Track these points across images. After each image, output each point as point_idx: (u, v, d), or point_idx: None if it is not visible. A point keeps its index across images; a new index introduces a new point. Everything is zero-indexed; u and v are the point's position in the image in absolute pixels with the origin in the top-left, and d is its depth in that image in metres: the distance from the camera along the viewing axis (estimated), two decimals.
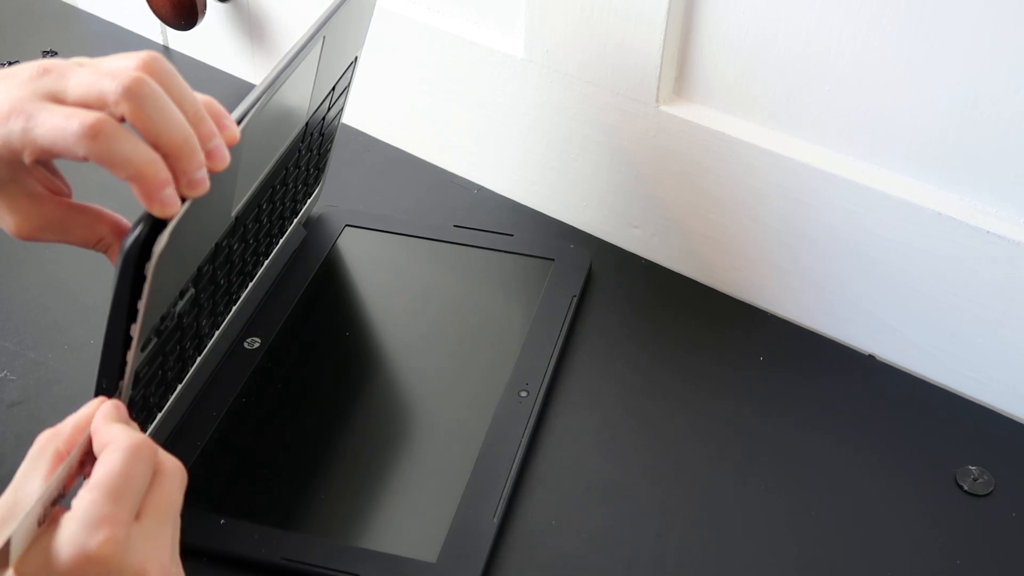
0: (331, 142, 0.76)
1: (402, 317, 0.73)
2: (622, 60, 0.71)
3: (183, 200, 0.46)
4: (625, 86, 0.72)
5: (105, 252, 0.52)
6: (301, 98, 0.61)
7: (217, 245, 0.57)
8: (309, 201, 0.77)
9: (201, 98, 0.48)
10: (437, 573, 0.56)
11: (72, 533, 0.41)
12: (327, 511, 0.60)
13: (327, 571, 0.56)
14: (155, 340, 0.53)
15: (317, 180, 0.77)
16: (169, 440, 0.62)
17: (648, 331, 0.73)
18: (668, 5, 0.67)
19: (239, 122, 0.50)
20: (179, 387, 0.62)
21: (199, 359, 0.64)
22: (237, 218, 0.59)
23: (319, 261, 0.75)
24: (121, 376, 0.51)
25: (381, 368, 0.70)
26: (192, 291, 0.56)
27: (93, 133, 0.44)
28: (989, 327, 0.65)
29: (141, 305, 0.48)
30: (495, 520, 0.58)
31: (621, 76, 0.72)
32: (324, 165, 0.77)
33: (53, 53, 0.98)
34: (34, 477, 0.44)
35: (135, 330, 0.49)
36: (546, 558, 0.59)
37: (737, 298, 0.75)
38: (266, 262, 0.72)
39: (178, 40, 1.00)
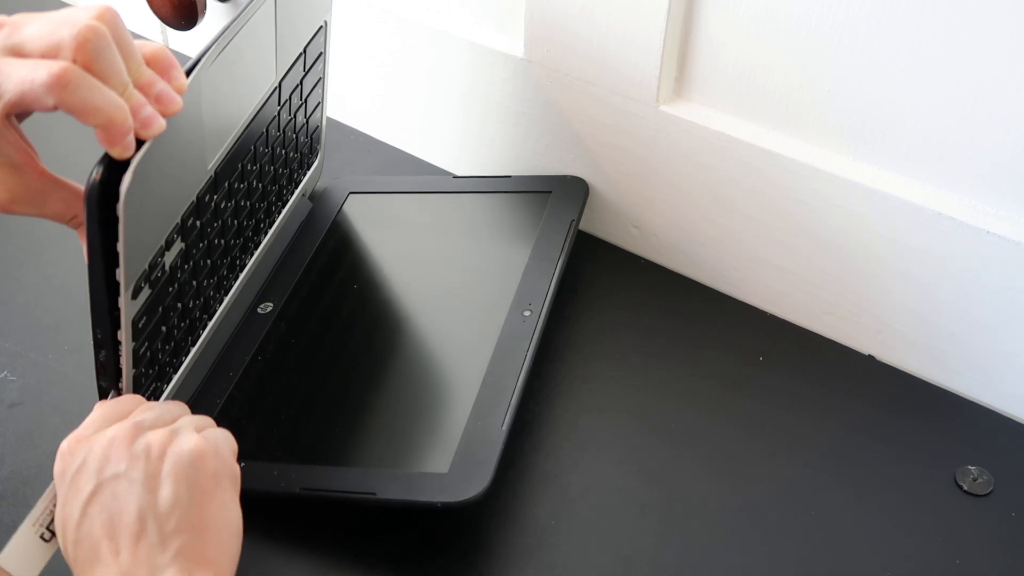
0: (321, 111, 0.77)
1: (407, 264, 0.75)
2: (622, 60, 0.71)
3: (140, 142, 0.48)
4: (625, 86, 0.72)
5: (77, 228, 0.53)
6: (264, 57, 0.62)
7: (199, 199, 0.58)
8: (310, 172, 0.79)
9: (152, 47, 0.50)
10: (449, 481, 0.57)
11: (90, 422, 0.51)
12: (342, 441, 0.62)
13: (343, 494, 0.58)
14: (148, 289, 0.54)
15: (313, 150, 0.78)
16: (191, 400, 0.65)
17: (648, 331, 0.73)
18: (668, 5, 0.67)
19: (189, 72, 0.52)
20: (193, 350, 0.64)
21: (211, 323, 0.66)
22: (217, 173, 0.60)
23: (325, 227, 0.78)
24: (117, 325, 0.52)
25: (389, 311, 0.72)
26: (181, 244, 0.57)
27: (63, 83, 0.45)
28: (989, 327, 0.65)
29: (120, 247, 0.49)
30: (504, 428, 0.60)
31: (621, 76, 0.72)
32: (319, 136, 0.78)
33: None
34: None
35: (120, 274, 0.50)
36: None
37: (737, 298, 0.75)
38: (271, 231, 0.73)
39: (178, 40, 1.00)
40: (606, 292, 0.76)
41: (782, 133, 0.69)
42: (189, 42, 0.99)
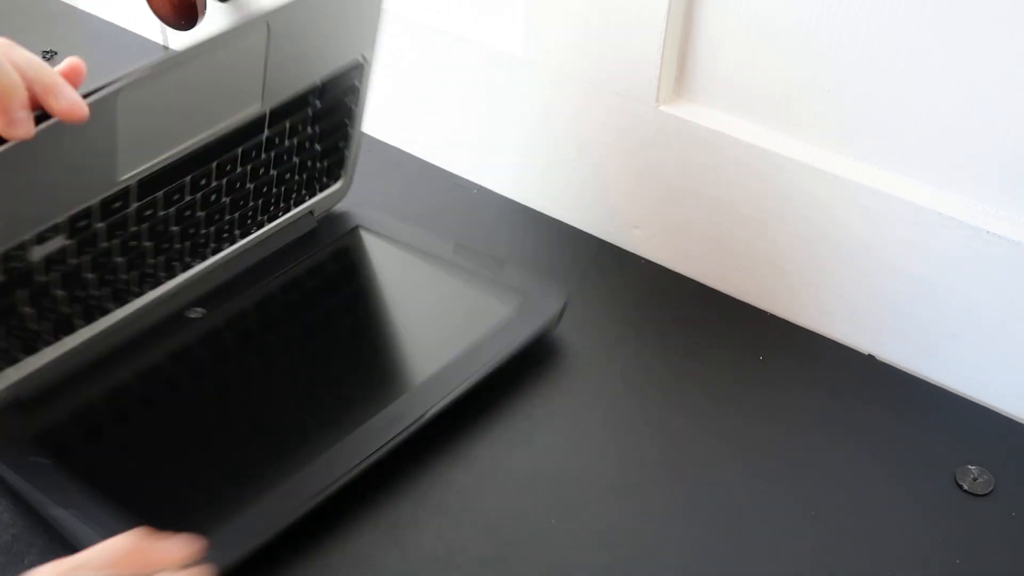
0: (345, 140, 0.75)
1: (356, 316, 0.72)
2: (622, 60, 0.71)
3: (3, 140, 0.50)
4: (625, 86, 0.72)
5: None
6: (246, 82, 0.63)
7: (104, 205, 0.59)
8: (325, 193, 0.77)
9: (70, 60, 0.53)
10: None
11: None
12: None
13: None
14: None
15: (332, 174, 0.77)
16: (58, 386, 0.64)
17: (648, 331, 0.73)
18: (668, 5, 0.67)
19: (105, 87, 0.54)
20: (69, 338, 0.64)
21: (115, 316, 0.66)
22: (140, 185, 0.60)
23: (306, 253, 0.75)
24: None
25: (299, 351, 0.69)
26: (65, 242, 0.58)
27: None
28: (989, 327, 0.65)
29: None
30: None
31: (621, 76, 0.72)
32: (343, 162, 0.77)
33: (53, 53, 0.98)
34: None
35: None
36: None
37: (737, 298, 0.75)
38: (244, 241, 0.73)
39: (178, 40, 1.00)
40: (606, 292, 0.76)
41: (782, 133, 0.69)
42: (189, 42, 0.99)
